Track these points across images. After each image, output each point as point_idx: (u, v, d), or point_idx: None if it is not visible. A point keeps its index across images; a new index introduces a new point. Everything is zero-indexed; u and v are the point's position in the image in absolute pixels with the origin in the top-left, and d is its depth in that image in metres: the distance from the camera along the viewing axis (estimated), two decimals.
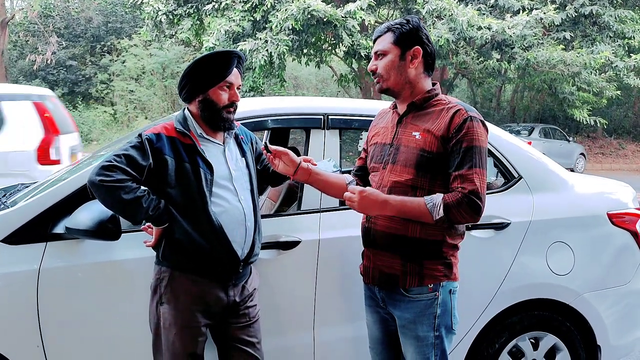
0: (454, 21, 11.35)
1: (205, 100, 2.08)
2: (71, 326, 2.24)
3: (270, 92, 15.64)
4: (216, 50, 2.10)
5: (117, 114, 18.44)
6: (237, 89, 2.13)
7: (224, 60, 2.07)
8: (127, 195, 1.91)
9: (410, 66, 1.99)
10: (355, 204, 1.91)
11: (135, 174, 1.96)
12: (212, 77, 2.07)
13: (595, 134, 21.06)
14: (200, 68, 2.06)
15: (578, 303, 2.69)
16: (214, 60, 2.06)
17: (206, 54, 2.07)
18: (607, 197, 2.95)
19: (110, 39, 20.13)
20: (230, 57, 2.08)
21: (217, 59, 2.07)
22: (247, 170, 2.21)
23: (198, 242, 2.02)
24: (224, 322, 2.15)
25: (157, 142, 2.02)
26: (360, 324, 2.31)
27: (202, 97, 2.08)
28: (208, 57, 2.06)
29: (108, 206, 1.98)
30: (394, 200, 1.90)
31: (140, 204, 1.94)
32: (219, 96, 2.08)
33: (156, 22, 12.77)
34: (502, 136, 2.79)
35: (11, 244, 2.19)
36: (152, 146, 2.01)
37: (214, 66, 2.06)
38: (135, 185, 1.95)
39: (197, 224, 2.02)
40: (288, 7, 10.78)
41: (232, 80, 2.10)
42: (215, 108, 2.09)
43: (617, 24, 13.29)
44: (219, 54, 2.07)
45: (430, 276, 1.97)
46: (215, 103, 2.08)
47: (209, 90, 2.07)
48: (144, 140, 2.01)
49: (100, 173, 1.91)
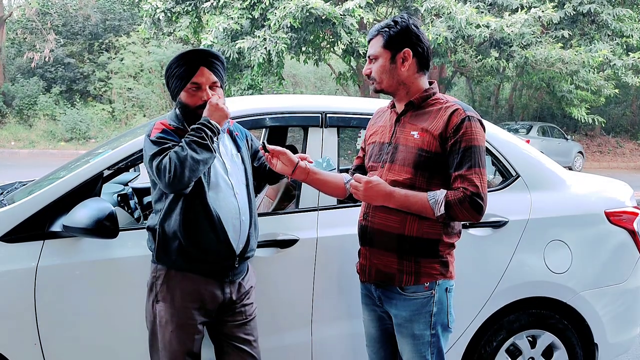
0: (453, 19, 11.35)
1: (180, 103, 2.11)
2: (69, 324, 2.24)
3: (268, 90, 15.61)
4: (182, 51, 2.10)
5: (115, 112, 18.40)
6: (213, 87, 2.10)
7: (188, 62, 2.07)
8: (196, 154, 1.92)
9: (402, 68, 2.00)
10: (360, 193, 1.94)
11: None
12: (179, 80, 2.08)
13: (593, 133, 21.08)
14: (169, 72, 2.10)
15: (575, 301, 2.70)
16: (178, 62, 2.08)
17: (173, 58, 2.09)
18: (604, 195, 2.95)
19: (108, 36, 20.07)
20: (194, 58, 2.07)
21: (181, 61, 2.07)
22: (243, 166, 2.22)
23: (194, 235, 2.02)
24: (221, 320, 2.15)
25: (169, 135, 2.04)
26: (358, 322, 2.31)
27: (178, 99, 2.12)
28: (174, 60, 2.09)
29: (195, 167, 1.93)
30: (398, 194, 1.93)
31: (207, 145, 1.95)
32: (188, 98, 2.09)
33: (154, 20, 12.74)
34: (500, 135, 2.79)
35: (8, 242, 2.19)
36: (167, 138, 2.03)
37: (178, 69, 2.07)
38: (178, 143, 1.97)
39: (195, 215, 2.01)
40: (286, 4, 10.77)
41: (199, 80, 2.08)
42: (188, 110, 2.09)
43: (615, 22, 13.29)
44: (182, 56, 2.08)
45: (427, 274, 1.97)
46: (187, 105, 2.09)
47: (179, 93, 2.10)
48: (157, 140, 2.02)
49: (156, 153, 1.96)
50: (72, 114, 17.41)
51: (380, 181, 1.94)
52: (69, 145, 16.53)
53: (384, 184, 1.94)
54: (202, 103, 2.07)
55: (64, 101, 18.38)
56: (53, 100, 18.14)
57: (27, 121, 17.77)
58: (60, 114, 17.57)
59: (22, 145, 16.41)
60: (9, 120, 17.77)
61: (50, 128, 17.31)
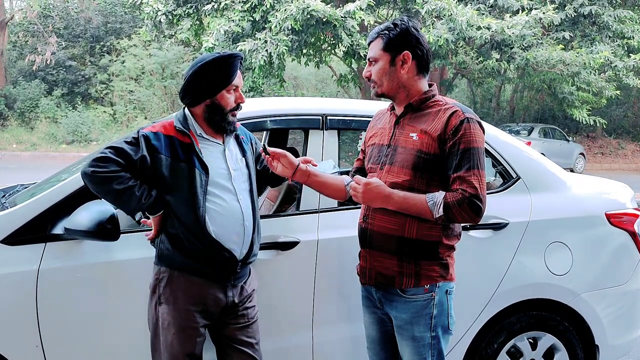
0: (454, 21, 11.35)
1: (213, 105, 2.09)
2: (70, 326, 2.25)
3: (269, 92, 15.63)
4: (218, 53, 2.09)
5: (116, 114, 18.43)
6: (241, 89, 2.15)
7: (228, 64, 2.07)
8: (119, 185, 1.94)
9: (402, 71, 2.00)
10: (359, 194, 1.95)
11: (127, 167, 1.98)
12: (219, 82, 2.07)
13: (595, 134, 21.05)
14: (206, 73, 2.06)
15: (576, 303, 2.70)
16: (219, 64, 2.06)
17: (210, 59, 2.05)
18: (605, 197, 2.95)
19: (109, 39, 20.11)
20: (234, 60, 2.08)
21: (222, 63, 2.06)
22: (247, 170, 2.21)
23: (192, 241, 2.03)
24: (223, 323, 2.16)
25: (154, 140, 2.03)
26: (358, 324, 2.31)
27: (209, 101, 2.09)
28: (213, 61, 2.05)
29: (102, 196, 2.01)
30: (397, 195, 1.93)
31: (133, 193, 1.96)
32: (226, 100, 2.09)
33: (155, 23, 12.76)
34: (500, 136, 2.79)
35: (10, 245, 2.20)
36: (149, 143, 2.02)
37: (220, 70, 2.06)
38: (128, 175, 1.97)
39: (189, 225, 2.02)
40: (287, 7, 10.78)
41: (237, 82, 2.11)
42: (223, 112, 2.10)
43: (616, 23, 13.30)
44: (224, 58, 2.06)
45: (427, 277, 1.98)
46: (222, 107, 2.09)
47: (216, 95, 2.08)
48: (140, 137, 2.02)
49: (94, 164, 1.94)
50: (73, 117, 17.45)
51: (379, 183, 1.95)
52: (71, 148, 16.56)
53: (383, 186, 1.95)
54: (235, 105, 2.12)
55: (65, 104, 18.41)
56: (55, 103, 18.19)
57: (28, 124, 17.81)
58: (61, 116, 17.61)
59: (24, 148, 16.45)
60: (11, 122, 17.81)
61: (52, 131, 17.35)
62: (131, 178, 1.98)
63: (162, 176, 2.02)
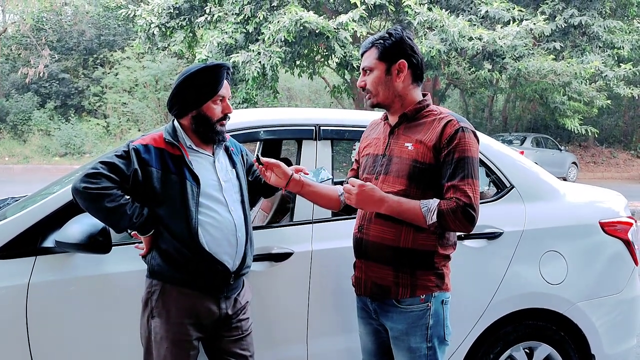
0: (446, 32, 11.42)
1: (199, 116, 2.08)
2: (61, 341, 2.22)
3: (263, 103, 15.63)
4: (204, 64, 2.08)
5: (110, 127, 18.39)
6: (228, 100, 2.14)
7: (214, 75, 2.06)
8: (111, 203, 1.91)
9: (397, 80, 2.00)
10: (353, 197, 1.93)
11: (119, 182, 1.96)
12: (205, 93, 2.06)
13: (587, 143, 21.19)
14: (192, 84, 2.05)
15: (571, 312, 2.69)
16: (204, 75, 2.05)
17: (195, 70, 2.05)
18: (599, 205, 2.96)
19: (103, 51, 20.11)
20: (220, 71, 2.07)
21: (208, 74, 2.05)
22: (238, 182, 2.20)
23: (184, 254, 2.01)
24: (217, 336, 2.13)
25: (145, 153, 2.02)
26: (353, 336, 2.29)
27: (195, 112, 2.08)
28: (198, 72, 2.04)
29: (92, 213, 1.97)
30: (391, 199, 1.92)
31: (124, 211, 1.93)
32: (212, 111, 2.08)
33: (149, 35, 12.78)
34: (494, 146, 2.80)
35: (0, 259, 2.17)
36: (139, 156, 2.00)
37: (205, 81, 2.05)
38: (120, 193, 1.95)
39: (181, 238, 2.00)
40: (280, 19, 10.83)
41: (224, 93, 2.10)
42: (209, 122, 2.09)
43: (606, 34, 13.41)
44: (209, 69, 2.06)
45: (422, 287, 1.96)
46: (209, 118, 2.08)
47: (202, 106, 2.07)
48: (131, 150, 2.01)
49: (85, 180, 1.91)
50: (66, 129, 17.39)
51: (373, 187, 1.94)
52: (64, 160, 16.48)
53: (378, 189, 1.94)
54: (222, 116, 2.10)
55: (58, 116, 18.36)
56: (47, 116, 18.13)
57: (21, 136, 17.73)
58: (54, 129, 17.55)
59: (17, 161, 16.36)
60: (3, 135, 17.73)
61: (45, 143, 17.27)
62: (123, 196, 1.95)
63: (153, 189, 2.00)
